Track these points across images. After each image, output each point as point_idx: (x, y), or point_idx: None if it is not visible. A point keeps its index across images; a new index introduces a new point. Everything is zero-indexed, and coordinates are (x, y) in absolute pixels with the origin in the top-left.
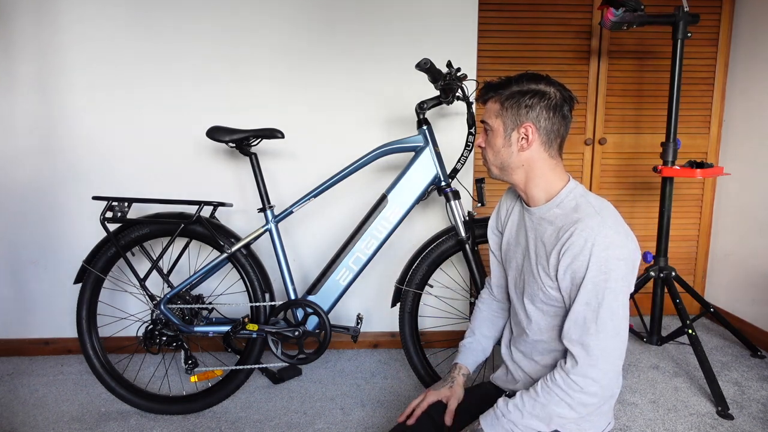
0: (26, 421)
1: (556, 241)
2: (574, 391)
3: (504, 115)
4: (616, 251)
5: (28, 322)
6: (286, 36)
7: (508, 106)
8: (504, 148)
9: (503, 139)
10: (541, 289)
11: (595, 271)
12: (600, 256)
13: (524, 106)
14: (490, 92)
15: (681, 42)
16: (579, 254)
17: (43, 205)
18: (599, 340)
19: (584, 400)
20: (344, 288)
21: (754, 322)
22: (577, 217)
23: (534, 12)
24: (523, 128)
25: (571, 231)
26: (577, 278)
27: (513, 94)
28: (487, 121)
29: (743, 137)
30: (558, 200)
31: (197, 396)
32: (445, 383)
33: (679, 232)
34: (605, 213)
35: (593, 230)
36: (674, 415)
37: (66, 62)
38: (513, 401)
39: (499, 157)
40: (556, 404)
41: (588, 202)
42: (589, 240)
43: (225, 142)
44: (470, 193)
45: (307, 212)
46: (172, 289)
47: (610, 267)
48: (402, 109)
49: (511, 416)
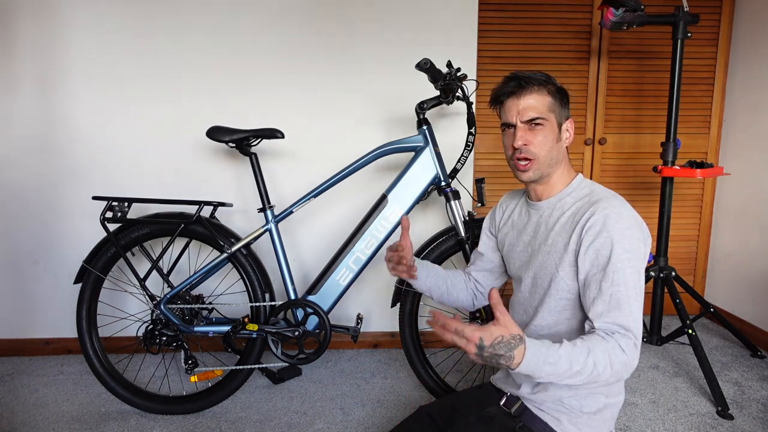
0: (26, 421)
1: (575, 224)
2: (618, 351)
3: (555, 110)
4: (636, 231)
5: (28, 322)
6: (286, 36)
7: (559, 100)
8: (557, 142)
9: (556, 134)
10: (553, 281)
11: (620, 248)
12: (624, 234)
13: (566, 103)
14: (535, 84)
15: (681, 42)
16: (601, 231)
17: (43, 205)
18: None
19: (625, 361)
20: (344, 288)
21: (754, 322)
22: (596, 199)
23: (534, 12)
24: (567, 122)
25: (591, 211)
26: (601, 256)
27: (558, 89)
28: (541, 116)
29: (743, 137)
30: (570, 189)
31: (197, 396)
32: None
33: (679, 232)
34: (620, 198)
35: (614, 209)
36: (674, 415)
37: (66, 62)
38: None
39: (554, 152)
40: (602, 350)
41: (601, 188)
42: (610, 217)
43: (225, 142)
44: (470, 193)
45: (307, 212)
46: (172, 289)
47: (633, 246)
48: (402, 109)
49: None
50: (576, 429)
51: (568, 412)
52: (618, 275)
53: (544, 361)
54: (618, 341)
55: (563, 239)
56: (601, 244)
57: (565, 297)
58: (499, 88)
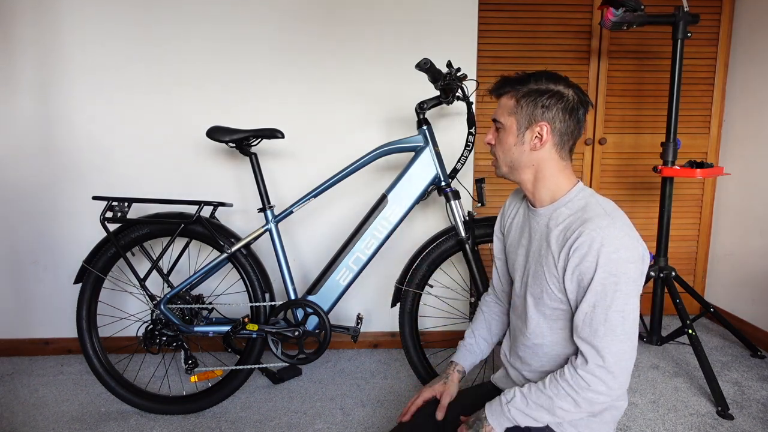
0: (26, 421)
1: (564, 241)
2: (581, 388)
3: (518, 113)
4: (626, 253)
5: (28, 322)
6: (286, 36)
7: (524, 104)
8: (516, 146)
9: (515, 137)
10: (545, 291)
11: (604, 273)
12: (610, 258)
13: (541, 106)
14: (506, 87)
15: (681, 42)
16: (587, 254)
17: (43, 205)
18: (608, 343)
19: (590, 398)
20: (344, 288)
21: (754, 322)
22: (586, 217)
23: (534, 12)
24: (537, 127)
25: (579, 231)
26: (585, 280)
27: (530, 92)
28: (498, 119)
29: (743, 137)
30: (566, 200)
31: (197, 396)
32: (440, 379)
33: (679, 232)
34: (615, 214)
35: (603, 230)
36: (674, 415)
37: (66, 62)
38: (520, 390)
39: (509, 155)
40: (562, 398)
41: (597, 202)
42: (597, 240)
43: (225, 142)
44: (470, 193)
45: (307, 212)
46: (172, 289)
47: (620, 270)
48: (402, 109)
49: (516, 404)
50: (575, 430)
51: None
52: (599, 298)
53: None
54: (581, 374)
55: (554, 253)
56: (585, 267)
57: (556, 307)
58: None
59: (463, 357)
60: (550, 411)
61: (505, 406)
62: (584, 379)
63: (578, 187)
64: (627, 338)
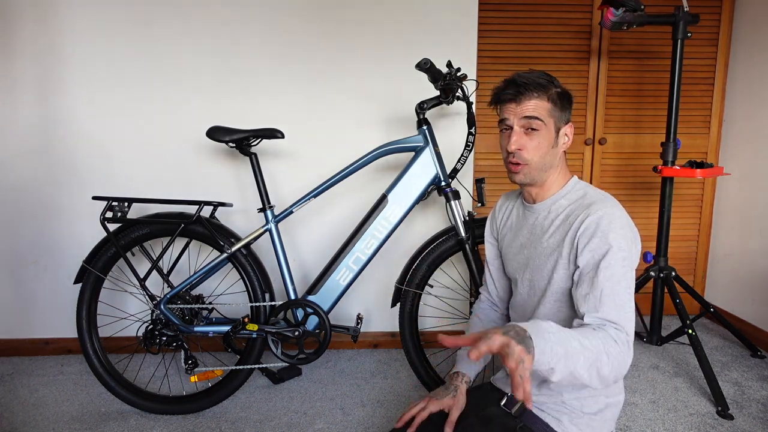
0: (26, 421)
1: (568, 227)
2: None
3: (554, 114)
4: (629, 232)
5: (28, 322)
6: (287, 35)
7: (559, 105)
8: (553, 147)
9: (554, 139)
10: (551, 281)
11: (616, 249)
12: (618, 234)
13: (567, 107)
14: (534, 90)
15: (681, 42)
16: (595, 233)
17: (43, 205)
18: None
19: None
20: (344, 288)
21: (754, 322)
22: (589, 202)
23: (534, 12)
24: (568, 126)
25: (585, 213)
26: (595, 257)
27: (559, 94)
28: (540, 119)
29: (743, 137)
30: (564, 191)
31: (197, 396)
32: (448, 391)
33: (679, 232)
34: (614, 199)
35: (607, 210)
36: (674, 415)
37: (66, 63)
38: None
39: (547, 157)
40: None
41: (595, 190)
42: (604, 218)
43: (225, 142)
44: (470, 193)
45: (307, 212)
46: (172, 289)
47: (625, 246)
48: (402, 109)
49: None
50: (577, 429)
51: (569, 412)
52: (610, 272)
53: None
54: (610, 333)
55: (557, 242)
56: (596, 244)
57: (562, 299)
58: (498, 91)
59: (468, 367)
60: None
61: (546, 335)
62: (613, 338)
63: (574, 180)
64: (633, 310)
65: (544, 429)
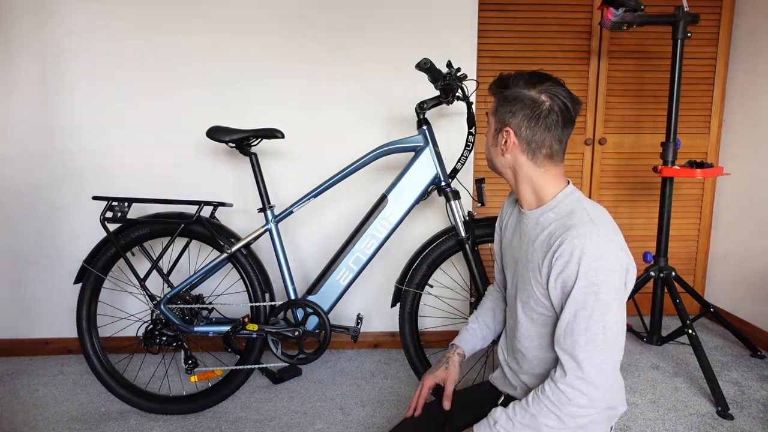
0: (26, 421)
1: (548, 248)
2: (562, 402)
3: (495, 115)
4: (607, 261)
5: (28, 322)
6: (286, 36)
7: (499, 106)
8: (492, 146)
9: (492, 138)
10: (531, 296)
11: (584, 281)
12: (591, 266)
13: (508, 111)
14: (493, 87)
15: (681, 42)
16: (569, 262)
17: (43, 205)
18: (589, 354)
19: (573, 412)
20: (344, 288)
21: (754, 322)
22: (570, 224)
23: (534, 12)
24: (504, 132)
25: (562, 238)
26: (567, 288)
27: (505, 97)
28: (488, 113)
29: (743, 137)
30: (553, 204)
31: (197, 396)
32: (440, 365)
33: (679, 232)
34: (600, 221)
35: (584, 237)
36: (674, 415)
37: (66, 63)
38: (506, 411)
39: (487, 152)
40: (545, 415)
41: (583, 208)
42: (578, 248)
43: (225, 142)
44: (470, 193)
45: (307, 212)
46: (172, 289)
47: (601, 278)
48: (402, 109)
49: (503, 424)
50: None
51: None
52: (579, 307)
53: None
54: (561, 387)
55: (538, 259)
56: (567, 276)
57: (542, 312)
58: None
59: (464, 340)
60: (535, 430)
61: (493, 428)
62: (565, 393)
63: (566, 191)
64: (608, 349)
65: None
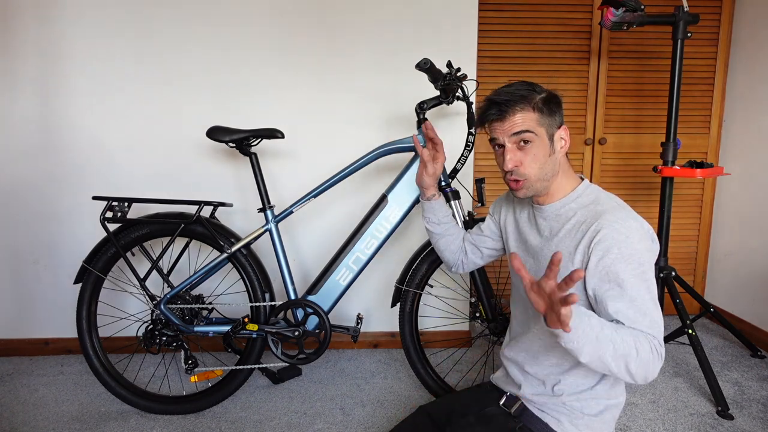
0: (26, 421)
1: (581, 235)
2: (658, 340)
3: (544, 123)
4: (645, 242)
5: (28, 322)
6: (286, 36)
7: (547, 112)
8: (550, 156)
9: (548, 147)
10: None
11: (634, 264)
12: (636, 249)
13: (549, 114)
14: (517, 104)
15: (681, 42)
16: (611, 248)
17: (43, 205)
18: (658, 331)
19: (662, 353)
20: (344, 288)
21: (754, 322)
22: (601, 210)
23: (534, 12)
24: (561, 130)
25: (598, 224)
26: (611, 272)
27: (545, 100)
28: (530, 131)
29: (743, 137)
30: (575, 195)
31: (197, 396)
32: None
33: (679, 232)
34: (626, 206)
35: (623, 222)
36: (674, 415)
37: (66, 63)
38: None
39: (546, 167)
40: (642, 340)
41: (608, 196)
42: (622, 233)
43: (225, 142)
44: (470, 193)
45: (307, 212)
46: (172, 289)
47: (645, 259)
48: (401, 109)
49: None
50: (576, 430)
51: (569, 413)
52: (635, 290)
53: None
54: (646, 338)
55: (568, 247)
56: (611, 261)
57: None
58: (482, 113)
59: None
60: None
61: (583, 317)
62: (657, 337)
63: (585, 183)
64: (661, 321)
65: (543, 429)
